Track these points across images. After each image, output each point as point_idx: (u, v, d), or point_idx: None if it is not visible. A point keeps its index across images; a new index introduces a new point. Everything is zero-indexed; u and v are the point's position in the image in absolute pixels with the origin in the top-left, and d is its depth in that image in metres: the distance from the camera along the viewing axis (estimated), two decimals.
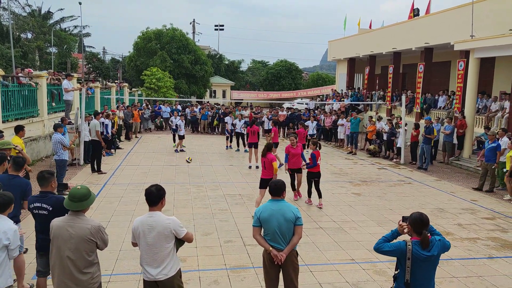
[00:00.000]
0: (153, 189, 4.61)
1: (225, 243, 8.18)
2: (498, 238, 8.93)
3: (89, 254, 4.45)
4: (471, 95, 17.85)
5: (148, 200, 4.61)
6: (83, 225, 4.44)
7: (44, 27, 47.08)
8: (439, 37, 21.85)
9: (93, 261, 4.51)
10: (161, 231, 4.52)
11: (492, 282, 6.84)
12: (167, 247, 4.56)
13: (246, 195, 11.88)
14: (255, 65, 71.35)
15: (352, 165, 17.17)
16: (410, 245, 4.21)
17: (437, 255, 4.22)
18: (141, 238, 4.59)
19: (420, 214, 4.31)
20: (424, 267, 4.20)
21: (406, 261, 4.19)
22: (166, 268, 4.57)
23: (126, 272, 6.85)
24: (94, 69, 55.74)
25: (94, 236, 4.44)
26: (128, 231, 8.63)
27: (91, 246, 4.46)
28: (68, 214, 4.54)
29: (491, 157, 13.22)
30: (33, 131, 15.87)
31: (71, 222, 4.45)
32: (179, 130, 19.41)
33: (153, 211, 4.62)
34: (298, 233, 5.11)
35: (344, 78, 35.91)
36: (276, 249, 5.06)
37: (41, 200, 5.33)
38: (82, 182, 12.62)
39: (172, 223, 4.57)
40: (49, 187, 5.43)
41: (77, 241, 4.38)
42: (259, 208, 5.22)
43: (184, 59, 41.72)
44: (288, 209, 5.09)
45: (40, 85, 17.01)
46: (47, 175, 5.41)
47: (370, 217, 10.14)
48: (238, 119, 20.43)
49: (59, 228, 4.44)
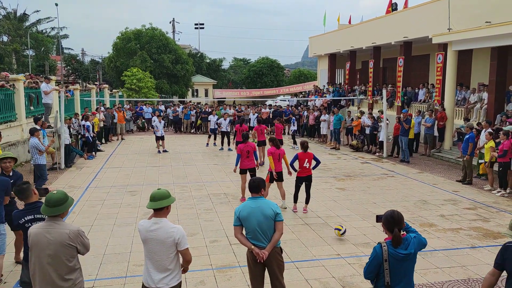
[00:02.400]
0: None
1: (211, 243, 8.14)
2: (480, 228, 9.06)
3: (69, 259, 4.32)
4: (450, 87, 18.08)
5: None
6: (61, 230, 4.29)
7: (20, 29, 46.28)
8: (417, 31, 22.05)
9: (74, 266, 4.38)
10: (164, 239, 4.38)
11: (475, 271, 6.94)
12: (169, 256, 4.42)
13: (231, 194, 11.85)
14: (236, 63, 71.28)
15: (335, 160, 17.25)
16: (385, 246, 4.07)
17: (414, 253, 4.09)
18: (144, 244, 4.48)
19: (392, 212, 4.15)
20: (403, 266, 4.07)
21: (384, 263, 4.03)
22: (168, 277, 4.44)
23: (111, 276, 6.76)
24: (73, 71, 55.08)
25: (73, 241, 4.30)
26: (112, 235, 8.55)
27: (71, 251, 4.33)
28: (46, 220, 4.40)
29: (467, 148, 13.25)
30: (11, 136, 15.58)
31: (49, 228, 4.31)
32: (156, 130, 19.26)
33: (158, 217, 4.48)
34: (279, 229, 5.10)
35: (325, 74, 36.03)
36: (258, 247, 5.04)
37: (32, 212, 5.16)
38: (64, 187, 12.45)
39: (176, 232, 4.40)
40: (33, 197, 5.28)
41: (56, 247, 4.24)
42: (238, 207, 5.21)
43: (164, 58, 41.45)
44: (267, 206, 5.09)
45: (17, 89, 16.70)
46: (25, 186, 5.27)
47: (354, 212, 10.20)
48: (223, 118, 20.42)
49: (37, 235, 4.30)
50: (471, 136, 13.28)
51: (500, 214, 10.05)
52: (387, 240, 4.13)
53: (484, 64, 18.90)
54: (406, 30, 23.04)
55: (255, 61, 64.55)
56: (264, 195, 10.17)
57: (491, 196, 11.75)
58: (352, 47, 29.97)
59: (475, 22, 17.41)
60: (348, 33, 31.10)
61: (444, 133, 18.13)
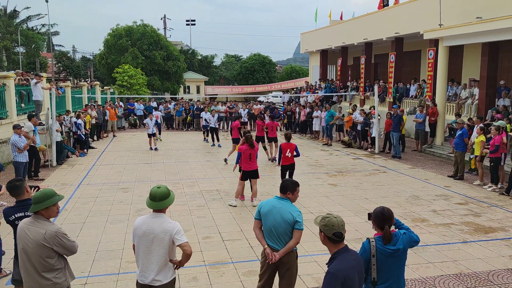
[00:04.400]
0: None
1: (203, 239, 8.13)
2: (471, 223, 9.13)
3: (45, 259, 4.19)
4: (442, 83, 18.17)
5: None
6: (38, 230, 4.19)
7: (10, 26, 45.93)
8: (408, 27, 22.13)
9: (53, 266, 4.25)
10: (159, 234, 4.33)
11: (466, 266, 6.99)
12: (164, 252, 4.37)
13: (223, 190, 11.84)
14: (228, 60, 71.17)
15: (327, 156, 17.29)
16: (373, 241, 4.05)
17: (403, 249, 4.06)
18: (139, 239, 4.42)
19: (382, 208, 4.14)
20: (391, 263, 4.03)
21: (371, 259, 4.01)
22: (161, 274, 4.40)
23: (104, 273, 6.73)
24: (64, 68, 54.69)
25: (47, 242, 4.16)
26: (104, 232, 8.52)
27: (47, 252, 4.19)
28: (32, 216, 4.34)
29: (460, 144, 13.38)
30: (2, 133, 15.44)
31: (30, 225, 4.24)
32: (147, 128, 19.17)
33: (157, 213, 4.46)
34: (296, 238, 4.87)
35: (317, 70, 36.08)
36: (271, 248, 4.90)
37: (22, 209, 5.09)
38: (56, 184, 12.38)
39: (172, 228, 4.36)
40: (25, 194, 5.20)
41: (34, 245, 4.16)
42: (263, 202, 5.11)
43: (156, 55, 41.24)
44: (288, 210, 4.88)
45: (7, 86, 16.56)
46: (18, 183, 5.17)
47: (346, 207, 10.24)
48: (211, 114, 20.40)
49: (20, 229, 4.27)
50: (464, 131, 13.37)
51: (491, 209, 10.12)
52: (376, 236, 4.13)
53: (475, 60, 19.02)
54: (397, 26, 23.11)
55: (246, 57, 64.47)
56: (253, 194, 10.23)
57: (483, 191, 11.84)
58: (343, 43, 30.02)
59: (466, 17, 17.51)
60: (340, 29, 31.14)
61: (436, 128, 18.22)
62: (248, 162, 10.21)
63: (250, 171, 10.27)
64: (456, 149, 13.50)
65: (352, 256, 3.76)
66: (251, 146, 10.24)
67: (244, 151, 10.19)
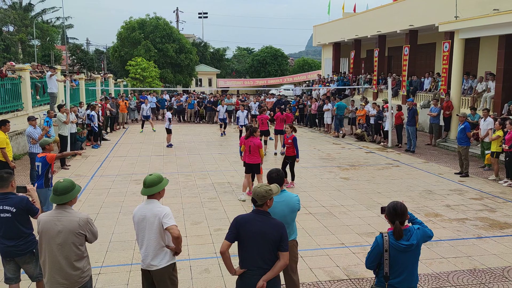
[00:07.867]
0: None
1: (215, 231, 8.15)
2: (486, 218, 9.03)
3: (78, 247, 4.35)
4: (457, 76, 17.92)
5: None
6: (71, 218, 4.33)
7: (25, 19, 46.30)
8: (423, 19, 21.84)
9: (82, 254, 4.42)
10: (150, 218, 4.47)
11: (481, 261, 6.91)
12: (156, 237, 4.48)
13: (235, 183, 11.85)
14: (240, 53, 71.07)
15: (339, 150, 17.21)
16: (386, 236, 4.03)
17: (416, 244, 4.01)
18: (137, 226, 4.58)
19: (394, 203, 4.09)
20: (404, 258, 4.00)
21: (384, 253, 3.99)
22: (157, 258, 4.51)
23: (117, 263, 6.80)
24: (78, 61, 55.04)
25: (82, 228, 4.35)
26: (117, 223, 8.59)
27: (80, 239, 4.37)
28: (55, 208, 4.43)
29: (463, 139, 12.85)
30: (18, 125, 15.62)
31: (58, 215, 4.34)
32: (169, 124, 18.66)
33: (150, 199, 4.60)
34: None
35: (329, 62, 35.85)
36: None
37: (2, 202, 4.95)
38: (70, 175, 12.48)
39: (160, 211, 4.47)
40: (9, 187, 5.06)
41: (66, 234, 4.27)
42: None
43: (168, 48, 41.35)
44: (291, 199, 5.02)
45: (23, 78, 16.74)
46: (6, 175, 5.04)
47: (359, 201, 10.18)
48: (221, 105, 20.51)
49: (47, 223, 4.32)
50: (466, 125, 12.87)
51: (507, 204, 9.99)
52: (389, 231, 4.10)
53: (492, 53, 18.72)
54: (412, 18, 22.82)
55: (258, 50, 64.31)
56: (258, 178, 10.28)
57: (498, 186, 11.69)
58: (356, 36, 29.75)
59: (482, 9, 17.21)
60: (353, 21, 30.86)
61: (450, 122, 17.99)
62: (248, 155, 10.26)
63: (251, 164, 10.30)
64: (460, 144, 12.95)
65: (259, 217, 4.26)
66: (245, 137, 10.40)
67: (244, 143, 10.33)
